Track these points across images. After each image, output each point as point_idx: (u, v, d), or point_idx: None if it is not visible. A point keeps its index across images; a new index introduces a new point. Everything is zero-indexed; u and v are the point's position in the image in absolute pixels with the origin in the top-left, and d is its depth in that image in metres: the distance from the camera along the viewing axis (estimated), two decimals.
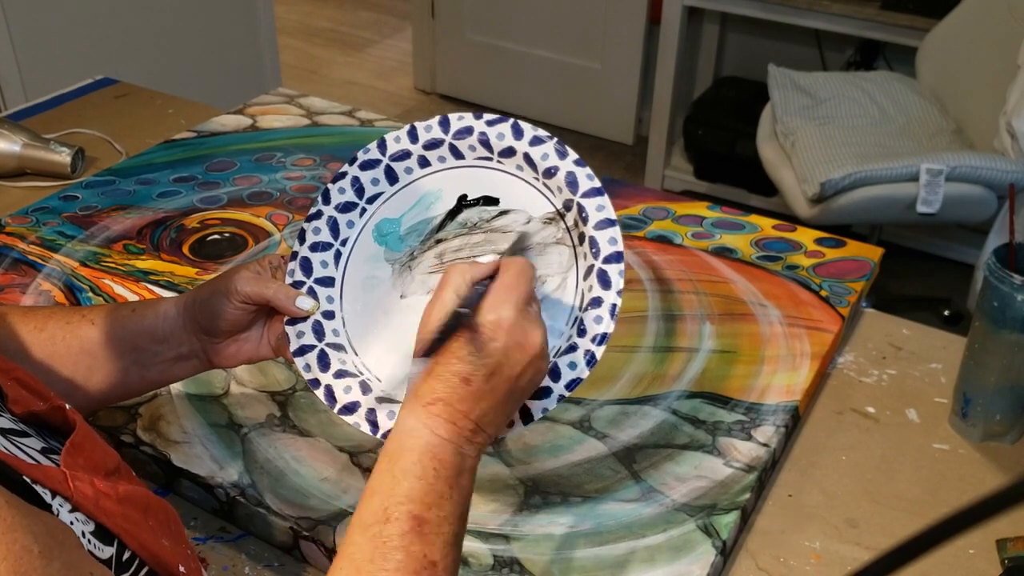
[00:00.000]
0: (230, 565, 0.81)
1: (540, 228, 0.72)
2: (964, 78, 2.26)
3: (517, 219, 0.73)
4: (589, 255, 0.70)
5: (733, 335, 1.02)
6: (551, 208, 0.72)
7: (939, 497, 0.86)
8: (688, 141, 2.93)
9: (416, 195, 0.75)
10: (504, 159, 0.73)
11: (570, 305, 0.70)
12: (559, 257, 0.71)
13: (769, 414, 0.92)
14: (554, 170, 0.72)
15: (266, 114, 1.47)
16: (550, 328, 0.67)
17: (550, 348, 0.67)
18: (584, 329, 0.68)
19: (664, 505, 0.82)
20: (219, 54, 2.54)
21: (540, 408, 0.67)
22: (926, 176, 1.94)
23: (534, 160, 0.72)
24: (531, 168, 0.73)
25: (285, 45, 3.77)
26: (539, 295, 0.68)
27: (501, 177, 0.74)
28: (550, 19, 3.22)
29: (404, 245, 0.74)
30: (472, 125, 0.74)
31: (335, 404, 0.70)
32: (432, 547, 0.56)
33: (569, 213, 0.71)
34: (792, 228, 1.21)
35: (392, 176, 0.75)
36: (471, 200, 0.74)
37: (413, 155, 0.75)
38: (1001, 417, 0.91)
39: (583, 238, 0.70)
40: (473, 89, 3.52)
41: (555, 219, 0.72)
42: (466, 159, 0.74)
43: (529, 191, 0.73)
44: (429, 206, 0.74)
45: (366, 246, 0.75)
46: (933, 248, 2.73)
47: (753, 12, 2.64)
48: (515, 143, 0.73)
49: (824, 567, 0.79)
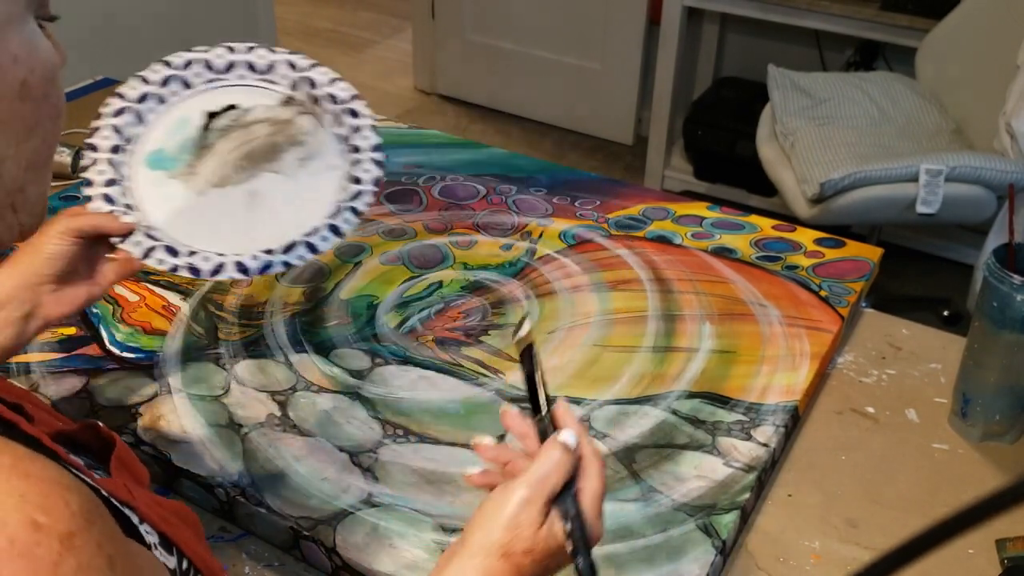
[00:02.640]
0: (230, 565, 0.81)
1: (281, 110, 0.89)
2: (964, 78, 2.26)
3: (259, 112, 0.89)
4: (332, 106, 0.88)
5: (733, 335, 1.02)
6: (282, 93, 0.89)
7: (939, 497, 0.86)
8: (688, 141, 2.92)
9: (169, 125, 0.87)
10: (228, 74, 0.90)
11: (335, 151, 0.88)
12: (307, 124, 0.89)
13: (769, 414, 0.92)
14: (272, 65, 0.90)
15: None
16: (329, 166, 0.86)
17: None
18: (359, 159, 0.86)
19: (664, 505, 0.82)
20: None
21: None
22: (926, 176, 1.94)
23: (255, 64, 0.90)
24: (253, 71, 0.90)
25: (285, 45, 3.76)
26: (303, 155, 0.87)
27: (233, 89, 0.90)
28: (550, 19, 3.22)
29: (179, 163, 0.86)
30: (191, 58, 0.89)
31: (201, 273, 0.79)
32: None
33: (298, 90, 0.89)
34: (792, 228, 1.21)
35: (141, 117, 0.87)
36: (216, 111, 0.89)
37: (151, 95, 0.87)
38: (1000, 417, 0.91)
39: (317, 100, 0.89)
40: (473, 89, 3.52)
41: (289, 100, 0.89)
42: (196, 85, 0.89)
43: (259, 90, 0.90)
44: (184, 129, 0.87)
45: (144, 177, 0.85)
46: (933, 248, 2.73)
47: (753, 13, 2.64)
48: (232, 56, 0.90)
49: (824, 567, 0.79)
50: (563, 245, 1.17)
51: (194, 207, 0.84)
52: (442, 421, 0.91)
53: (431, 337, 1.02)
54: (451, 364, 0.99)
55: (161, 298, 1.08)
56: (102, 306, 1.06)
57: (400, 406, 0.93)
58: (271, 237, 0.81)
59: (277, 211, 0.84)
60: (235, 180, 0.86)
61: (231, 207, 0.84)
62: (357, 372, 0.97)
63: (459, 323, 1.04)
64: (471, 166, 1.35)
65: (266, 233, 0.82)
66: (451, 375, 0.97)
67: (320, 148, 0.88)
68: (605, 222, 1.22)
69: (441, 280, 1.11)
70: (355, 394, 0.94)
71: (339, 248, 1.16)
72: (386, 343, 1.01)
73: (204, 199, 0.85)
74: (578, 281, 1.11)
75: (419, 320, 1.05)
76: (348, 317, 1.05)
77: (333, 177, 0.86)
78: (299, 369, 0.98)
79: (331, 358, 0.99)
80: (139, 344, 1.01)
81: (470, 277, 1.12)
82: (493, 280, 1.11)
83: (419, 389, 0.95)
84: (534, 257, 1.15)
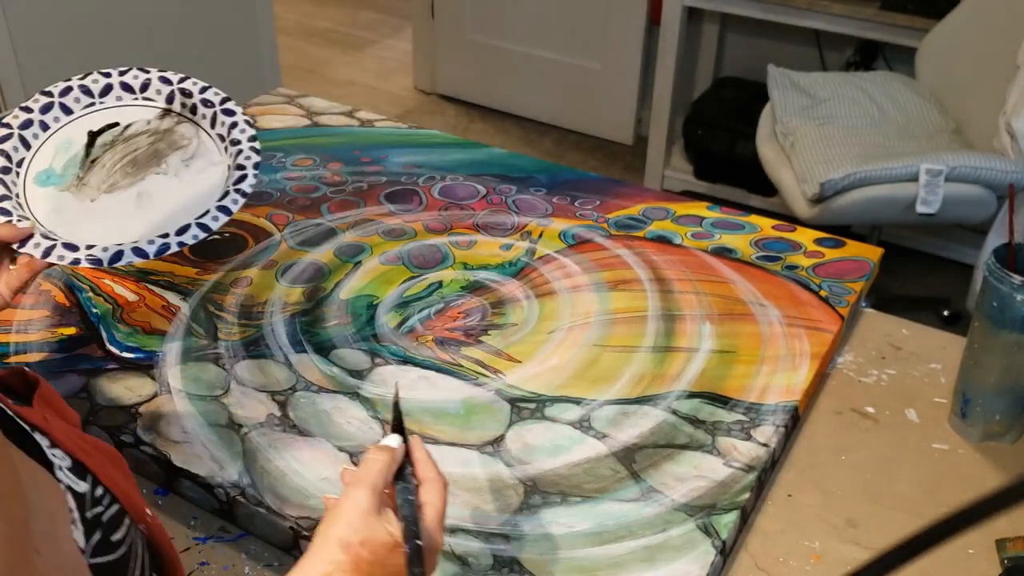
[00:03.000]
0: (230, 565, 0.81)
1: (160, 123, 0.97)
2: (963, 78, 2.26)
3: (139, 126, 0.97)
4: (206, 110, 0.97)
5: (733, 335, 1.02)
6: (159, 107, 0.98)
7: (938, 497, 0.86)
8: (688, 141, 2.92)
9: (53, 147, 0.93)
10: (105, 97, 0.97)
11: (219, 147, 0.96)
12: (186, 130, 0.97)
13: (769, 414, 0.92)
14: (147, 83, 0.98)
15: (266, 114, 1.47)
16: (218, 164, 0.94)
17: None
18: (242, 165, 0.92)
19: (664, 505, 0.82)
20: (219, 54, 2.54)
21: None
22: (926, 176, 1.94)
23: (130, 85, 0.97)
24: (130, 92, 0.98)
25: (285, 45, 3.77)
26: (189, 155, 0.95)
27: (111, 110, 0.97)
28: (550, 19, 3.22)
29: (66, 178, 0.93)
30: (71, 84, 0.96)
31: (103, 262, 0.84)
32: None
33: (174, 102, 0.98)
34: (792, 228, 1.21)
35: (25, 142, 0.93)
36: (98, 130, 0.96)
37: (34, 122, 0.93)
38: (1000, 417, 0.91)
39: (195, 108, 0.97)
40: (473, 89, 3.52)
41: (167, 112, 0.98)
42: (75, 111, 0.96)
43: (137, 108, 0.98)
44: (69, 148, 0.94)
45: (34, 193, 0.91)
46: (933, 248, 2.73)
47: (753, 13, 2.64)
48: (108, 80, 0.97)
49: (823, 567, 0.79)
50: (563, 245, 1.17)
51: (87, 212, 0.91)
52: (442, 421, 0.91)
53: (431, 337, 1.02)
54: (451, 364, 0.99)
55: (161, 298, 1.08)
56: (102, 306, 1.06)
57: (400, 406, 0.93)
58: (163, 226, 0.88)
59: (166, 205, 0.91)
60: (123, 185, 0.93)
61: (122, 208, 0.92)
62: (357, 372, 0.97)
63: (459, 323, 1.04)
64: (471, 166, 1.35)
65: (158, 224, 0.89)
66: (451, 375, 0.97)
67: (202, 149, 0.96)
68: (605, 222, 1.22)
69: (441, 280, 1.11)
70: (355, 394, 0.94)
71: (339, 248, 1.16)
72: (386, 343, 1.01)
73: (95, 205, 0.92)
74: (578, 281, 1.11)
75: (419, 320, 1.05)
76: (348, 317, 1.05)
77: (217, 172, 0.94)
78: (299, 369, 0.98)
79: (331, 358, 0.99)
80: (139, 344, 1.01)
81: (470, 277, 1.12)
82: (493, 280, 1.11)
83: (419, 389, 0.95)
84: (534, 257, 1.15)
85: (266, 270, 1.12)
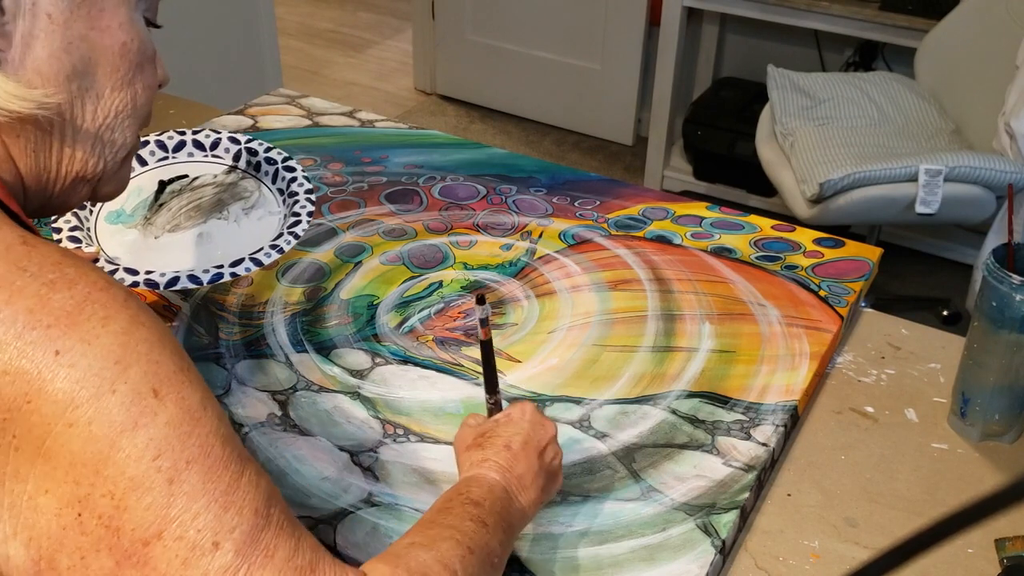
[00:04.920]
0: None
1: (226, 177, 1.06)
2: (963, 79, 2.26)
3: (206, 178, 1.06)
4: (269, 167, 1.06)
5: (732, 335, 1.02)
6: (226, 164, 1.08)
7: (938, 497, 0.87)
8: (687, 142, 2.92)
9: (126, 193, 0.96)
10: (177, 153, 1.07)
11: (279, 203, 1.05)
12: (249, 184, 1.07)
13: (768, 414, 0.92)
14: (217, 142, 1.08)
15: (267, 115, 1.47)
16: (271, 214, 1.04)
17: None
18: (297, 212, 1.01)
19: (663, 504, 0.83)
20: (220, 55, 2.54)
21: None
22: (925, 176, 1.95)
23: (202, 143, 1.07)
24: (200, 150, 1.07)
25: (286, 46, 3.77)
26: (247, 208, 1.04)
27: (182, 165, 1.07)
28: (550, 20, 3.22)
29: (135, 218, 1.01)
30: (148, 139, 1.06)
31: (159, 287, 0.90)
32: (475, 538, 0.65)
33: (240, 160, 1.07)
34: (791, 228, 1.22)
35: None
36: (168, 180, 1.05)
37: None
38: (1000, 417, 0.92)
39: (259, 166, 1.07)
40: (473, 90, 3.52)
41: (232, 169, 1.08)
42: (150, 163, 1.06)
43: (206, 164, 1.07)
44: (140, 194, 1.03)
45: (103, 228, 1.00)
46: (932, 248, 2.73)
47: (752, 13, 2.64)
48: (183, 137, 1.07)
49: (823, 566, 0.79)
50: (563, 245, 1.18)
51: (150, 247, 0.99)
52: (442, 421, 0.92)
53: (431, 337, 1.02)
54: (451, 364, 0.99)
55: (162, 298, 1.08)
56: None
57: (400, 406, 0.93)
58: (219, 261, 0.93)
59: (224, 245, 1.00)
60: (186, 226, 1.01)
61: (183, 245, 1.00)
62: (357, 372, 0.97)
63: (459, 323, 1.05)
64: (471, 166, 1.35)
65: (214, 260, 0.95)
66: (451, 375, 0.97)
67: (261, 200, 1.05)
68: (605, 222, 1.22)
69: (441, 280, 1.11)
70: (355, 394, 0.95)
71: (339, 248, 1.16)
72: (386, 343, 1.02)
73: (158, 241, 1.00)
74: (578, 281, 1.11)
75: (419, 320, 1.05)
76: (348, 317, 1.05)
77: (274, 220, 1.03)
78: (299, 369, 0.98)
79: (331, 358, 0.99)
80: None
81: (470, 277, 1.12)
82: (493, 280, 1.12)
83: (419, 389, 0.95)
84: (534, 257, 1.15)
85: (267, 270, 1.12)
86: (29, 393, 0.47)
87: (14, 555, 0.49)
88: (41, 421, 0.47)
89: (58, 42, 0.56)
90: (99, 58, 0.59)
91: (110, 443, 0.48)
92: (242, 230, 1.02)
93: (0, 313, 0.48)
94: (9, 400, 0.47)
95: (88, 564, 0.48)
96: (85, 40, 0.58)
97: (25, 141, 0.58)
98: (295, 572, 0.52)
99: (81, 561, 0.48)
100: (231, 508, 0.50)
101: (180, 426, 0.50)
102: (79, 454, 0.48)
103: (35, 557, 0.48)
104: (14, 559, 0.49)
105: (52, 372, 0.47)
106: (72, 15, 0.57)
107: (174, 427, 0.49)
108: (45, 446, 0.48)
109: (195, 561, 0.49)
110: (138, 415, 0.48)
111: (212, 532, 0.49)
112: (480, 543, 0.64)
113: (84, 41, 0.58)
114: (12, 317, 0.48)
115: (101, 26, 0.58)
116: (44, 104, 0.57)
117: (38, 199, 0.62)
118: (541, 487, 0.74)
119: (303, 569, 0.52)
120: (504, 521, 0.68)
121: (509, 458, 0.72)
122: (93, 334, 0.48)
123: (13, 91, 0.55)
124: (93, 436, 0.48)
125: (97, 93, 0.59)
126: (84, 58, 0.58)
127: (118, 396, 0.48)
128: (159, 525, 0.48)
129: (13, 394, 0.47)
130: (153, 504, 0.48)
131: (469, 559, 0.62)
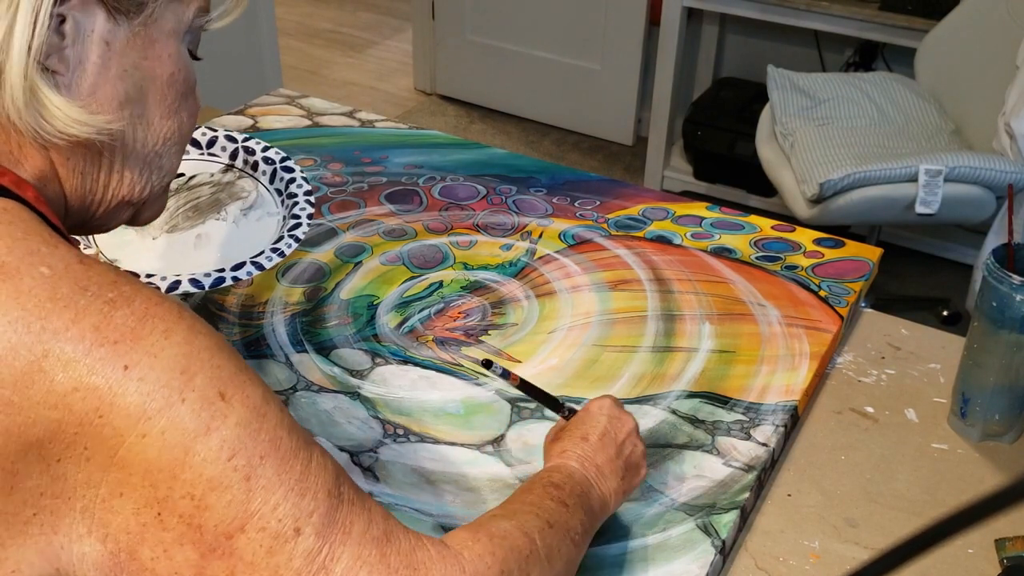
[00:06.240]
0: None
1: (223, 177, 1.06)
2: (963, 79, 2.26)
3: (203, 177, 1.05)
4: (267, 167, 1.05)
5: (732, 335, 1.03)
6: (223, 163, 1.06)
7: (938, 497, 0.87)
8: (687, 142, 2.92)
9: None
10: None
11: (276, 202, 1.04)
12: (246, 184, 1.05)
13: (768, 414, 0.92)
14: (213, 140, 1.06)
15: (267, 115, 1.47)
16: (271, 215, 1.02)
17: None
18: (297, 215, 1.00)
19: (663, 504, 0.83)
20: (220, 55, 2.54)
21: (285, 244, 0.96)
22: (925, 177, 1.95)
23: (197, 140, 1.06)
24: (196, 147, 1.06)
25: (286, 46, 3.77)
26: (246, 207, 1.03)
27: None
28: (550, 20, 3.22)
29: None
30: None
31: (160, 290, 0.92)
32: (556, 517, 0.67)
33: (237, 159, 1.06)
34: (791, 228, 1.22)
35: None
36: None
37: None
38: (1000, 417, 0.92)
39: (256, 165, 1.05)
40: (473, 90, 3.52)
41: (229, 168, 1.06)
42: None
43: (203, 162, 1.06)
44: None
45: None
46: (932, 248, 2.73)
47: (752, 13, 2.64)
48: None
49: (823, 567, 0.79)
50: (563, 245, 1.18)
51: (148, 248, 0.97)
52: (442, 421, 0.92)
53: (431, 337, 1.02)
54: (451, 364, 0.99)
55: None
56: None
57: (400, 406, 0.93)
58: (219, 264, 0.93)
59: (223, 247, 0.98)
60: (184, 227, 1.00)
61: (181, 246, 0.99)
62: (357, 372, 0.97)
63: (459, 323, 1.05)
64: (471, 166, 1.35)
65: (214, 262, 0.94)
66: (451, 375, 0.97)
67: (260, 201, 1.04)
68: (605, 222, 1.22)
69: (441, 280, 1.11)
70: (355, 394, 0.95)
71: (339, 248, 1.16)
72: (386, 343, 1.02)
73: (156, 243, 0.98)
74: (578, 281, 1.11)
75: (419, 320, 1.05)
76: (348, 317, 1.05)
77: (273, 221, 1.01)
78: (299, 369, 0.98)
79: (331, 358, 0.99)
80: None
81: (470, 277, 1.12)
82: (493, 280, 1.12)
83: (419, 389, 0.95)
84: (534, 257, 1.15)
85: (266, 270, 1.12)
86: (100, 408, 0.49)
87: (89, 551, 0.50)
88: (114, 433, 0.49)
89: (114, 69, 0.58)
90: (150, 86, 0.61)
91: (185, 449, 0.49)
92: (241, 231, 1.01)
93: (68, 332, 0.49)
94: (80, 415, 0.49)
95: (172, 556, 0.50)
96: (139, 68, 0.59)
97: (75, 163, 0.60)
98: (372, 544, 0.54)
99: (164, 553, 0.50)
100: (307, 494, 0.52)
101: (249, 424, 0.51)
102: (155, 461, 0.49)
103: (113, 550, 0.50)
104: (89, 555, 0.50)
105: (122, 387, 0.49)
106: (128, 44, 0.58)
107: (244, 426, 0.51)
108: (118, 455, 0.49)
109: (279, 548, 0.51)
110: (209, 420, 0.50)
111: (292, 519, 0.51)
112: (560, 519, 0.67)
113: (138, 69, 0.59)
114: (80, 335, 0.49)
115: (153, 55, 0.60)
116: (104, 130, 0.58)
117: (78, 218, 0.64)
118: (621, 477, 0.76)
119: (379, 540, 0.54)
120: (584, 504, 0.71)
121: (587, 448, 0.75)
122: (158, 347, 0.50)
123: (76, 116, 0.56)
124: (168, 444, 0.49)
125: (148, 120, 0.61)
126: (137, 86, 0.60)
127: (188, 404, 0.50)
128: (241, 520, 0.50)
129: (84, 409, 0.48)
130: (233, 501, 0.50)
131: (548, 531, 0.65)
